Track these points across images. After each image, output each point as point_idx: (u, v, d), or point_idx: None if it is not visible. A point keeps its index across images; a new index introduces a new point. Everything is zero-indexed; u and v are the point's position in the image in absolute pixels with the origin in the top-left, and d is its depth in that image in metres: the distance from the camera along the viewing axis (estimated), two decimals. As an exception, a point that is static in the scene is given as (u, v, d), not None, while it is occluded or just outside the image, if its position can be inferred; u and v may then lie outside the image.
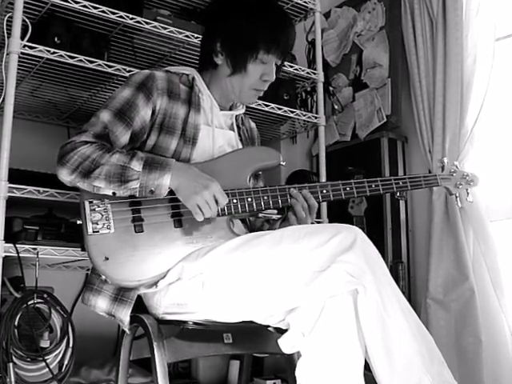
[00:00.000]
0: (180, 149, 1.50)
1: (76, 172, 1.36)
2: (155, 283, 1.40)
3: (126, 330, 1.46)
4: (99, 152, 1.37)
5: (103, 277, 1.37)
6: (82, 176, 1.36)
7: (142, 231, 1.39)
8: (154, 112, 1.50)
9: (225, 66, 1.55)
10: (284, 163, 1.57)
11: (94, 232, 1.36)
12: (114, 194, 1.37)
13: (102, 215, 1.38)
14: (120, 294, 1.42)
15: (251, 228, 1.67)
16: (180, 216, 1.43)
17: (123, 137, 1.45)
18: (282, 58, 1.57)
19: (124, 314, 1.41)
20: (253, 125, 1.80)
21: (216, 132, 1.59)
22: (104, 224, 1.37)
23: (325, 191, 1.53)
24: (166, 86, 1.52)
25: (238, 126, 1.68)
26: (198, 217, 1.37)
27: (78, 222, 1.38)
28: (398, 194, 1.64)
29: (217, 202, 1.38)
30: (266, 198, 1.49)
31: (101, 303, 1.44)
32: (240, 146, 1.65)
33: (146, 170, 1.35)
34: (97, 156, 1.36)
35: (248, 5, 1.54)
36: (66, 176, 1.38)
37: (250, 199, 1.47)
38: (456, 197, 1.73)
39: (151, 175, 1.35)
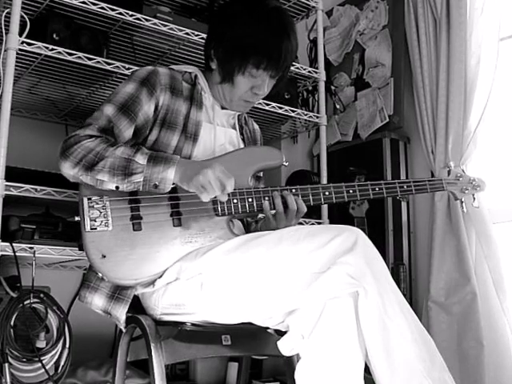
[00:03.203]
0: (181, 145, 1.49)
1: (79, 165, 1.35)
2: (152, 282, 1.40)
3: (122, 328, 1.46)
4: (103, 145, 1.37)
5: (100, 274, 1.37)
6: (85, 169, 1.35)
7: (141, 229, 1.39)
8: (156, 107, 1.50)
9: (217, 73, 1.55)
10: (287, 163, 1.54)
11: (91, 229, 1.36)
12: (117, 188, 1.36)
13: (101, 212, 1.37)
14: (117, 291, 1.42)
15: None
16: (179, 215, 1.42)
17: (127, 131, 1.45)
18: (277, 74, 1.52)
19: (120, 313, 1.41)
20: (256, 126, 1.79)
21: (218, 130, 1.58)
22: (102, 221, 1.37)
23: (327, 193, 1.51)
24: (169, 82, 1.52)
25: (240, 126, 1.67)
26: (204, 197, 1.34)
27: (76, 218, 1.38)
28: (400, 196, 1.63)
29: (222, 183, 1.34)
30: (267, 198, 1.47)
31: (97, 300, 1.44)
32: (241, 145, 1.64)
33: (150, 164, 1.34)
34: (101, 149, 1.36)
35: (246, 16, 1.49)
36: (68, 169, 1.37)
37: (250, 199, 1.46)
38: (461, 202, 1.70)
39: (155, 168, 1.34)
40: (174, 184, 1.36)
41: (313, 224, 2.16)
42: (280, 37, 1.47)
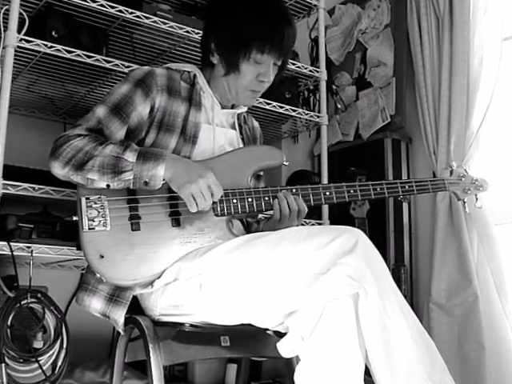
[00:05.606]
0: (180, 147, 1.48)
1: (69, 165, 1.35)
2: (151, 283, 1.39)
3: (121, 331, 1.45)
4: (92, 144, 1.36)
5: (98, 275, 1.36)
6: (75, 169, 1.35)
7: (139, 229, 1.38)
8: (152, 109, 1.48)
9: (220, 66, 1.53)
10: (287, 163, 1.53)
11: (89, 229, 1.35)
12: (108, 186, 1.35)
13: (99, 212, 1.36)
14: (115, 294, 1.41)
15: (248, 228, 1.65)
16: (178, 215, 1.41)
17: (118, 132, 1.44)
18: (280, 59, 1.51)
19: (119, 316, 1.40)
20: (256, 124, 1.78)
21: (217, 131, 1.57)
22: (100, 221, 1.36)
23: (328, 193, 1.49)
24: (166, 83, 1.50)
25: (239, 125, 1.66)
26: (192, 208, 1.35)
27: (74, 218, 1.38)
28: (402, 196, 1.61)
29: (212, 194, 1.35)
30: (266, 198, 1.46)
31: (95, 304, 1.42)
32: (241, 146, 1.63)
33: (139, 161, 1.33)
34: (90, 148, 1.35)
35: (245, 7, 1.49)
36: (58, 169, 1.37)
37: (250, 199, 1.44)
38: (464, 202, 1.68)
39: (145, 166, 1.33)
40: (164, 180, 1.35)
41: (313, 225, 2.15)
42: (280, 22, 1.48)
